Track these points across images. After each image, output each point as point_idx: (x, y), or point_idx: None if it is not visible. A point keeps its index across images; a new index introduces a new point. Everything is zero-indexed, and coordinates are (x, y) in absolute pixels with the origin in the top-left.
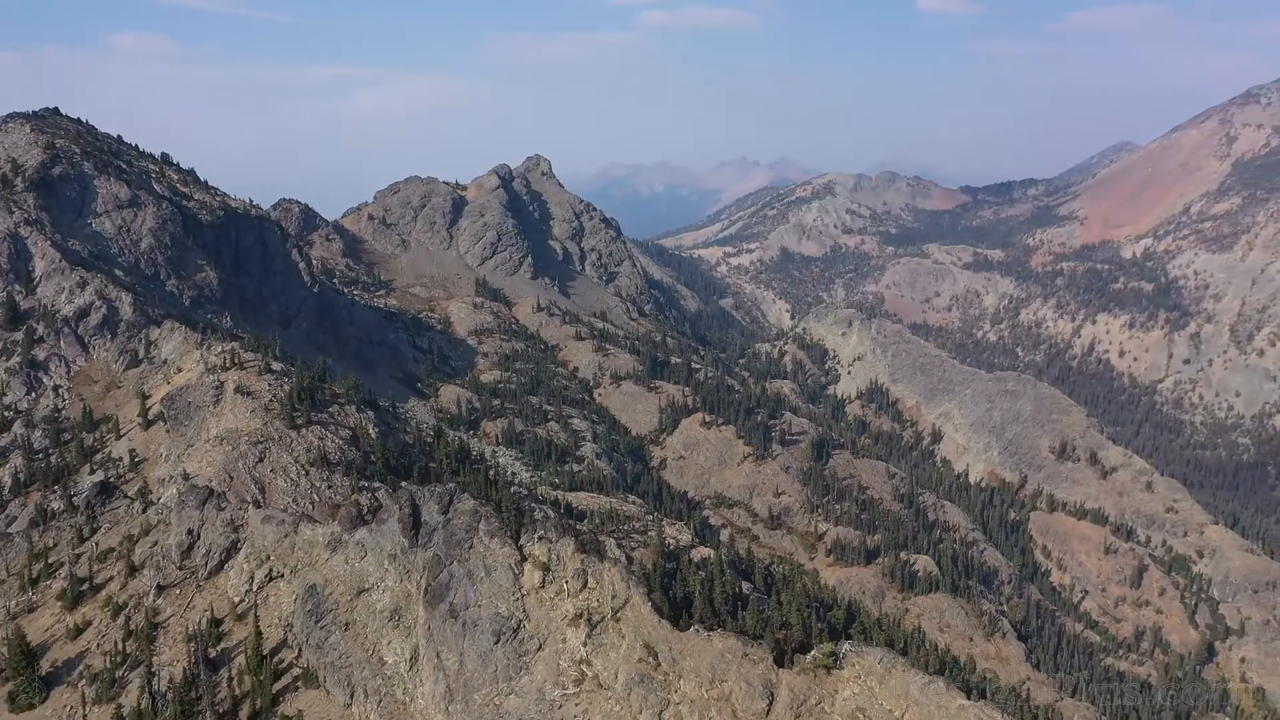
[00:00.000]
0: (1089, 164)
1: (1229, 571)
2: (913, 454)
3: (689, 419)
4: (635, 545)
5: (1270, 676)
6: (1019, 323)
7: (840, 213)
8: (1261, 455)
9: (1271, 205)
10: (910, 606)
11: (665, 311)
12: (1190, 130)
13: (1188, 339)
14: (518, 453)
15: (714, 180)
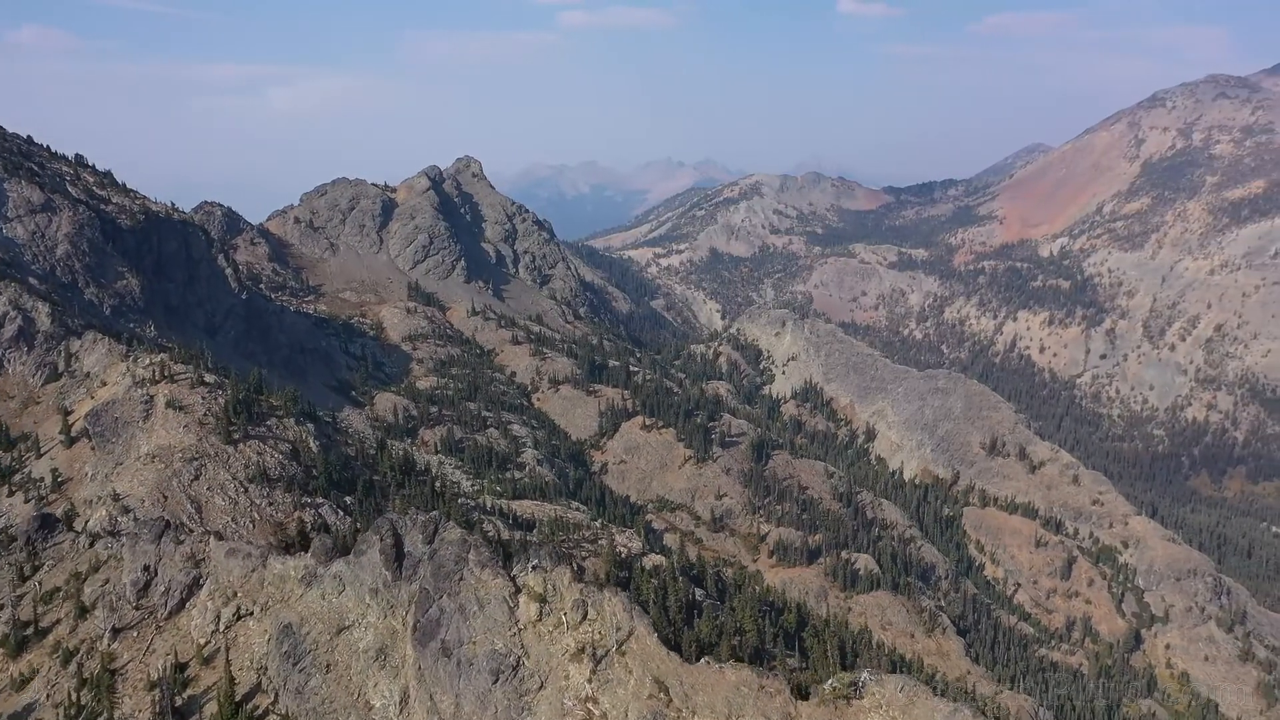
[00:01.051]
0: (1004, 164)
1: (1153, 561)
2: (848, 452)
3: (629, 422)
4: (586, 555)
5: (1193, 662)
6: (943, 320)
7: (768, 213)
8: (1175, 446)
9: (1178, 205)
10: (853, 605)
11: (600, 314)
12: (1101, 132)
13: (1104, 335)
14: (458, 461)
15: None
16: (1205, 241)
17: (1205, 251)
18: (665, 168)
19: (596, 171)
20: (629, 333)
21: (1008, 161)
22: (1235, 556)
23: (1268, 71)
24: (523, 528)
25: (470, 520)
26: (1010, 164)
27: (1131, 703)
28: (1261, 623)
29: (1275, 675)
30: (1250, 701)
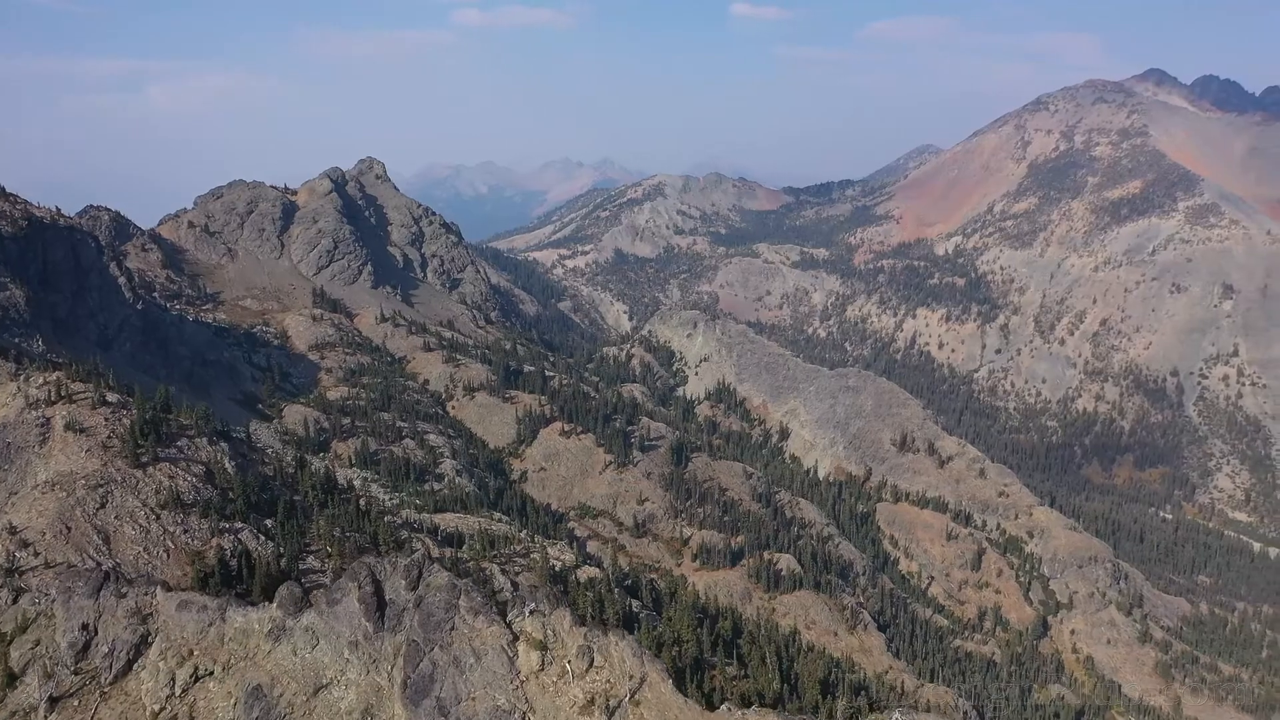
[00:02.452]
0: (897, 165)
1: (1056, 550)
2: (763, 452)
3: (547, 429)
4: (519, 569)
5: (1097, 645)
6: (846, 318)
7: (671, 214)
8: (1068, 437)
9: (1063, 205)
10: (777, 605)
11: (510, 318)
12: (989, 135)
13: (998, 330)
14: (374, 474)
15: (538, 181)
16: (1089, 239)
17: (1089, 249)
18: (564, 168)
19: (495, 172)
20: (540, 336)
21: (900, 162)
22: (1129, 542)
23: (1139, 77)
24: (451, 544)
25: (400, 540)
26: (903, 165)
27: (1042, 688)
28: (1157, 605)
29: (1171, 655)
30: (1150, 681)
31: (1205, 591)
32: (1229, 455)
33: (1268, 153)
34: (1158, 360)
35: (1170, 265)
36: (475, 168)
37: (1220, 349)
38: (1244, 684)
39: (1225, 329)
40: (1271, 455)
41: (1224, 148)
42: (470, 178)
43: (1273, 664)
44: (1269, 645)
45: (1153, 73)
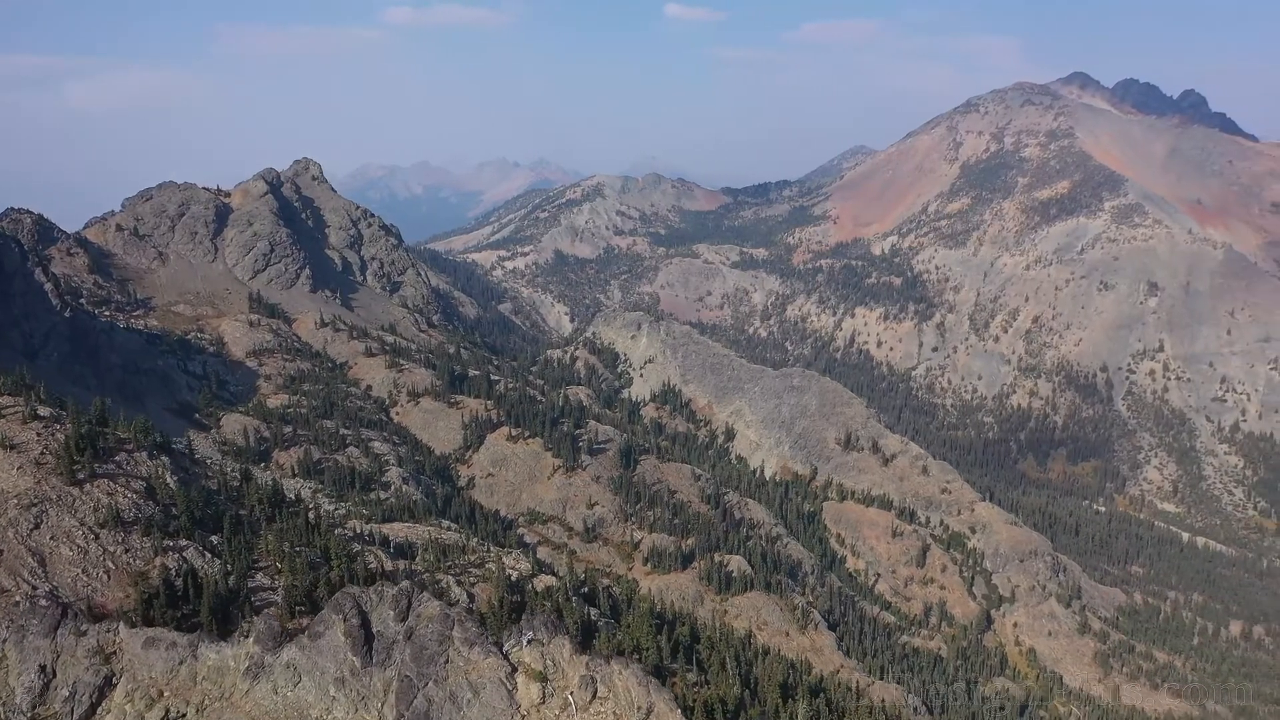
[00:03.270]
0: (831, 166)
1: (998, 544)
2: (709, 453)
3: (494, 434)
4: (474, 580)
5: (1039, 638)
6: (786, 318)
7: (611, 214)
8: (1004, 432)
9: (995, 205)
10: (729, 607)
11: (451, 321)
12: (922, 136)
13: (934, 328)
14: (318, 484)
15: (475, 182)
16: (1020, 239)
17: (1021, 248)
18: (501, 168)
19: (430, 172)
20: (482, 339)
21: (834, 163)
22: (1065, 534)
23: (1064, 80)
24: (403, 555)
25: (353, 554)
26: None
27: (987, 681)
28: (1094, 596)
29: (1109, 645)
30: (1089, 671)
31: (1139, 581)
32: (1157, 448)
33: (1186, 154)
34: (1088, 356)
35: (1098, 264)
36: (410, 168)
37: (1146, 345)
38: (1177, 671)
39: (1151, 325)
40: (1196, 447)
41: (1146, 149)
42: (405, 178)
43: (1203, 651)
44: (1199, 633)
45: (1077, 76)
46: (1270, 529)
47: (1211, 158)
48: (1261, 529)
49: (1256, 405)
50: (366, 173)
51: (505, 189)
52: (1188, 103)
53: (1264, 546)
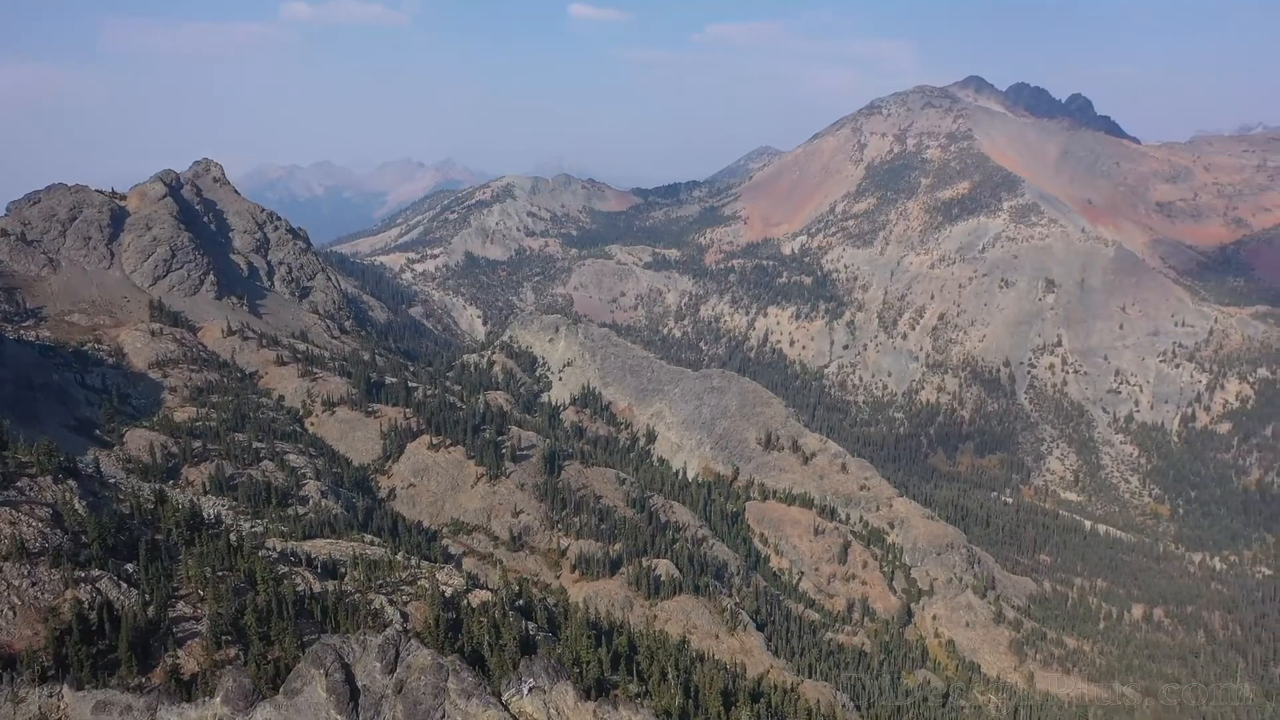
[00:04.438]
0: (738, 166)
1: (916, 539)
2: (631, 456)
3: (414, 442)
4: (408, 599)
5: (957, 629)
6: (700, 318)
7: (521, 215)
8: (914, 427)
9: (900, 205)
10: (658, 612)
11: (365, 326)
12: (828, 137)
13: (845, 326)
14: (232, 501)
15: (378, 182)
16: (925, 238)
17: (925, 247)
18: (404, 168)
19: (331, 172)
20: (395, 344)
21: (741, 163)
22: (977, 526)
23: (960, 83)
24: (330, 575)
25: (279, 576)
26: (744, 166)
27: (909, 674)
28: (1007, 586)
29: (1023, 633)
30: (1005, 659)
31: (1047, 570)
32: (1058, 439)
33: (1077, 156)
34: (991, 352)
35: (999, 262)
36: (310, 168)
37: (1046, 340)
38: (1086, 655)
39: (1049, 321)
40: (1094, 438)
41: (1039, 151)
42: (305, 179)
43: (1109, 634)
44: (1105, 617)
45: (972, 80)
46: (1164, 515)
47: (1100, 159)
48: (1156, 515)
49: (1148, 396)
50: (264, 173)
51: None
52: (1075, 106)
53: (1159, 532)
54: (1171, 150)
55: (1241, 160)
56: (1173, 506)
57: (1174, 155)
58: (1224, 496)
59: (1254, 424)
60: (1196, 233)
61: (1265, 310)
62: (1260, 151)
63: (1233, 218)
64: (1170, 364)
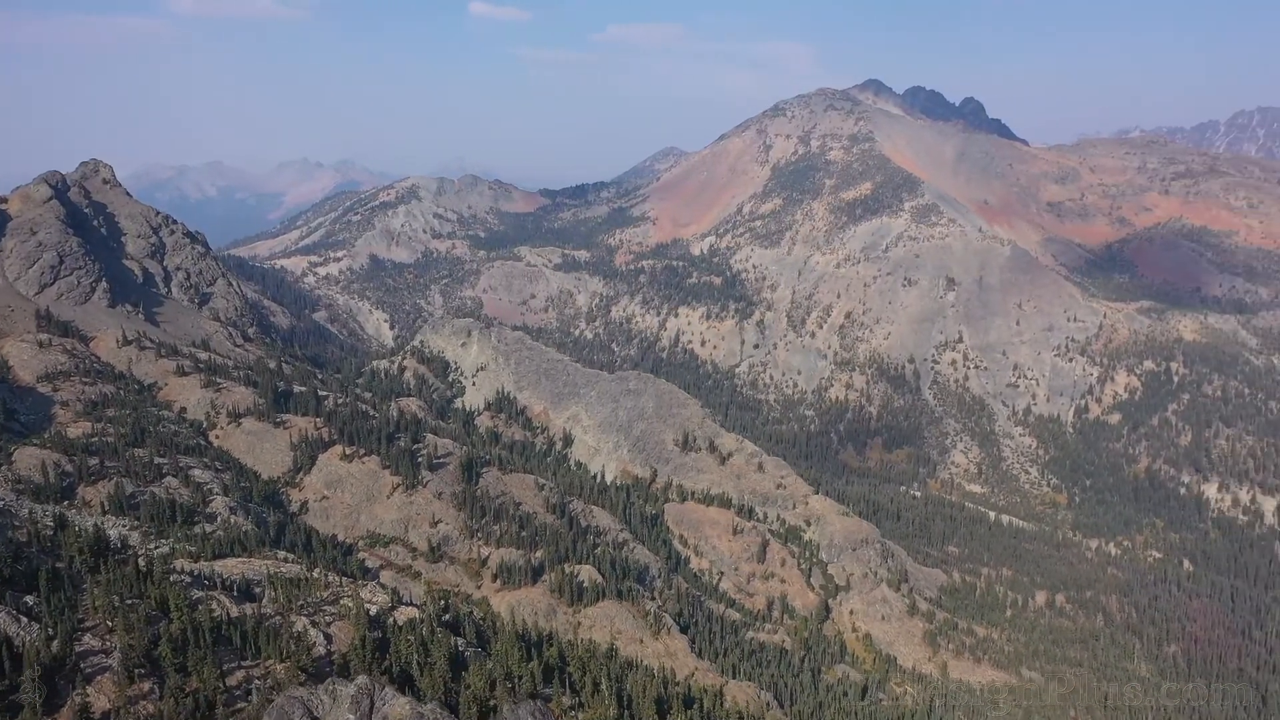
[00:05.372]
0: (644, 167)
1: (832, 535)
2: (548, 460)
3: (326, 453)
4: (330, 619)
5: (874, 623)
6: (611, 319)
7: (427, 217)
8: (824, 424)
9: (805, 205)
10: (582, 619)
11: (270, 333)
12: (734, 139)
13: (755, 326)
14: (134, 520)
15: (275, 183)
16: (830, 238)
17: (831, 247)
18: (302, 169)
19: (224, 173)
20: (301, 351)
21: (647, 164)
22: (889, 520)
23: (860, 86)
24: (247, 597)
25: (194, 602)
26: (650, 166)
27: (829, 669)
28: (919, 578)
29: (935, 624)
30: (920, 651)
31: (956, 560)
32: (961, 433)
33: (972, 158)
34: (896, 349)
35: (901, 261)
36: (202, 168)
37: (948, 336)
38: (995, 643)
39: (950, 318)
40: (995, 431)
41: (937, 153)
42: (197, 179)
43: (1016, 621)
44: (1011, 605)
45: (871, 83)
46: (1062, 503)
47: (994, 161)
48: (1055, 504)
49: (1044, 390)
50: (152, 173)
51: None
52: (968, 109)
53: (1058, 520)
54: (1059, 153)
55: (1123, 162)
56: (1069, 495)
57: (1062, 157)
58: (1116, 484)
59: (1141, 414)
60: (1084, 231)
61: (1149, 305)
62: (1140, 154)
63: (1117, 217)
64: (1064, 358)
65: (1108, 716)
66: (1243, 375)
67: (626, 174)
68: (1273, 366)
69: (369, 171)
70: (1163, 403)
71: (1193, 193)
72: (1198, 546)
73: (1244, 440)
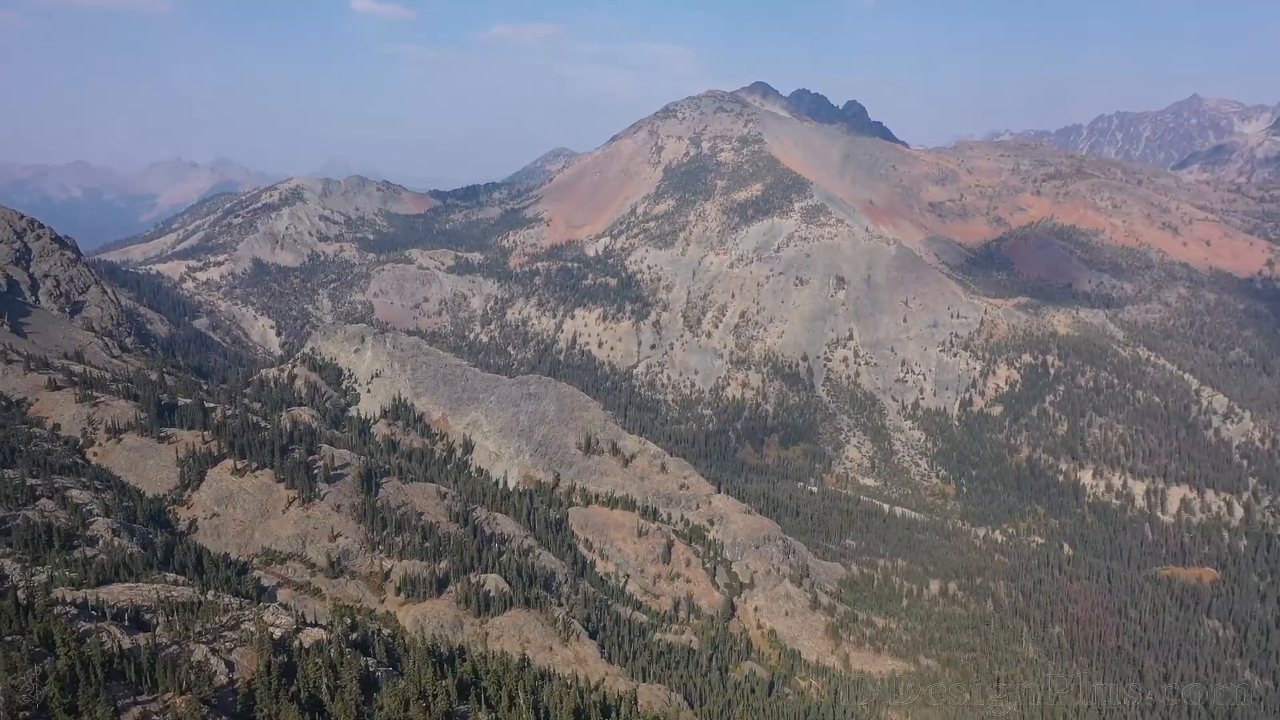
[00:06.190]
0: (535, 168)
1: (735, 534)
2: (448, 468)
3: (216, 468)
4: (231, 645)
5: (778, 619)
6: (507, 322)
7: (314, 219)
8: (722, 423)
9: (698, 206)
10: (490, 629)
11: (149, 343)
12: (626, 140)
13: (651, 326)
14: (6, 547)
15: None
16: (723, 238)
17: (724, 247)
18: (176, 169)
19: (90, 173)
20: (183, 361)
21: (538, 164)
22: (788, 517)
23: (748, 89)
24: (140, 626)
25: (81, 635)
26: (541, 167)
27: (736, 667)
28: (819, 572)
29: (836, 617)
30: (823, 644)
31: (853, 553)
32: (854, 428)
33: (858, 160)
34: (790, 347)
35: (793, 261)
36: (65, 168)
37: (839, 334)
38: (893, 632)
39: (841, 316)
40: (886, 425)
41: (824, 155)
42: (60, 179)
43: (912, 611)
44: (907, 595)
45: (758, 85)
46: (950, 494)
47: (878, 163)
48: (944, 494)
49: (931, 384)
50: (9, 172)
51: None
52: (851, 112)
53: (947, 510)
54: (939, 155)
55: (998, 164)
56: (957, 486)
57: (941, 159)
58: (1000, 473)
59: (1021, 405)
60: (964, 230)
61: (1025, 301)
62: (1013, 156)
63: (993, 217)
64: (949, 353)
65: (1000, 698)
66: (1112, 366)
67: (518, 175)
68: (1139, 358)
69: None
70: (1040, 394)
71: (1062, 193)
72: (1076, 531)
73: (1115, 428)
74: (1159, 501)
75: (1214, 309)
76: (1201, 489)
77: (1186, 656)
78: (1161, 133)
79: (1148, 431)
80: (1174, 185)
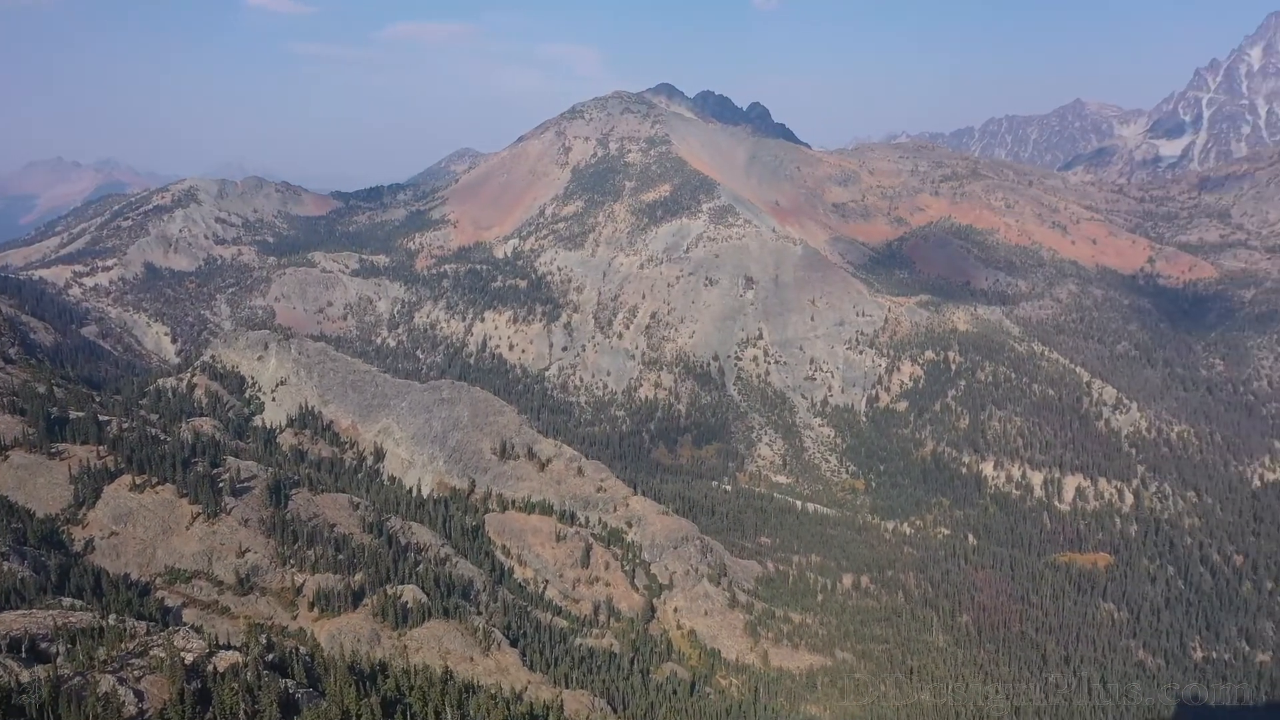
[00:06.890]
0: (439, 169)
1: (653, 535)
2: (359, 477)
3: (113, 484)
4: (140, 673)
5: (697, 618)
6: (415, 326)
7: (209, 222)
8: (635, 424)
9: (607, 207)
10: (408, 642)
11: (35, 353)
12: (533, 141)
13: (562, 328)
14: None
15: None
16: (633, 239)
17: (634, 248)
18: (56, 169)
19: None
20: (73, 372)
21: (442, 165)
22: (704, 516)
23: (653, 90)
24: (38, 657)
25: None
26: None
27: (657, 668)
28: (737, 571)
29: (755, 615)
30: (742, 642)
31: (769, 551)
32: (765, 426)
33: (763, 161)
34: (701, 347)
35: (702, 261)
36: None
37: (749, 333)
38: (810, 628)
39: (751, 315)
40: (796, 423)
41: (730, 156)
42: None
43: (827, 605)
44: (821, 590)
45: (664, 87)
46: (860, 489)
47: (783, 164)
48: (854, 490)
49: (839, 381)
50: None
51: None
52: (755, 113)
53: (857, 505)
54: (841, 156)
55: (897, 165)
56: (866, 480)
57: (843, 161)
58: (906, 468)
59: (925, 401)
60: (866, 230)
61: (926, 299)
62: (911, 157)
63: (894, 217)
64: (855, 350)
65: (914, 688)
66: (1009, 361)
67: (422, 175)
68: (1034, 352)
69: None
70: (943, 389)
71: (958, 194)
72: (979, 521)
73: (1013, 421)
74: (1055, 490)
75: (1101, 305)
76: (1094, 477)
77: (1085, 639)
78: (1048, 135)
79: (1044, 423)
80: (1062, 186)
